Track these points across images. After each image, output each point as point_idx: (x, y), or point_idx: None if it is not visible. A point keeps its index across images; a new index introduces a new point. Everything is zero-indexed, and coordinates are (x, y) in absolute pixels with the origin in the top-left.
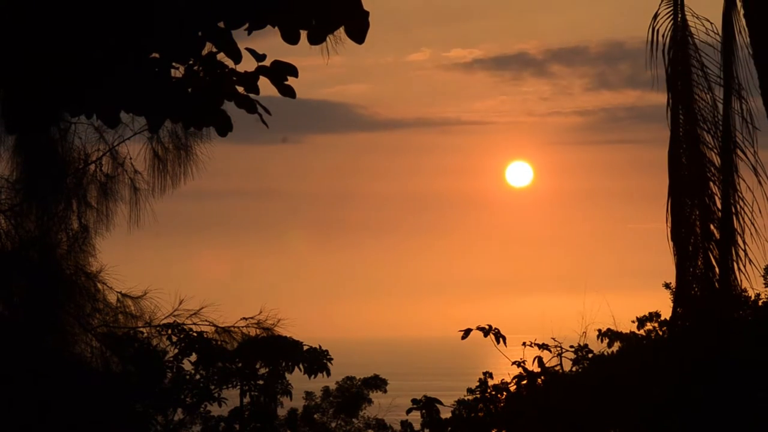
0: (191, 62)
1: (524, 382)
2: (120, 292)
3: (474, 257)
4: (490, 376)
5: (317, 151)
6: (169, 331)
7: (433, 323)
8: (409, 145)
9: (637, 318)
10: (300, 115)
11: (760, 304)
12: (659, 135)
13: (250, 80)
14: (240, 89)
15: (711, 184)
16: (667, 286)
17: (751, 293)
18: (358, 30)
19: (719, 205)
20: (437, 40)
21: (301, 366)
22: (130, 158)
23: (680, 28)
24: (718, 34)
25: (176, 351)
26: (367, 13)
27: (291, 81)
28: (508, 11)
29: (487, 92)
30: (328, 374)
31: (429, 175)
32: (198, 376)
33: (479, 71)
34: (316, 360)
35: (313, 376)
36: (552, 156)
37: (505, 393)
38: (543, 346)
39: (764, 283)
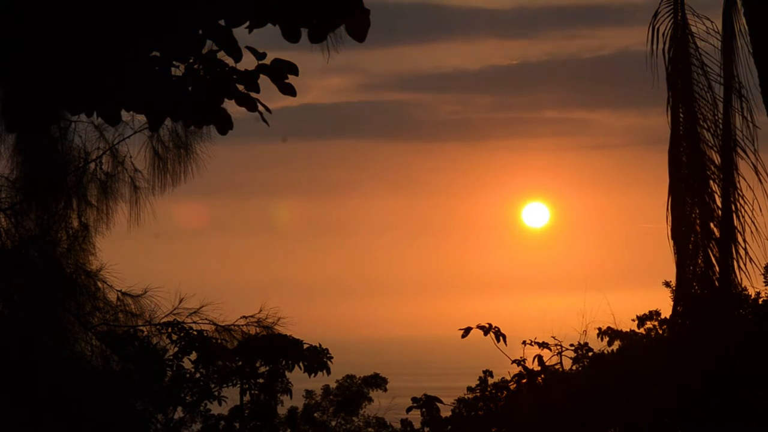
0: (191, 61)
1: (524, 380)
2: (120, 291)
3: (473, 256)
4: (490, 374)
5: (321, 153)
6: (169, 330)
7: (433, 322)
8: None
9: (637, 316)
10: (315, 117)
11: (760, 302)
12: (662, 136)
13: (250, 78)
14: (240, 87)
15: (711, 182)
16: (667, 284)
17: (751, 291)
18: (359, 28)
19: (719, 204)
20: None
21: (301, 364)
22: (131, 157)
23: (680, 27)
24: (718, 33)
25: (176, 349)
26: (367, 11)
27: (291, 79)
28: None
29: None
30: (329, 373)
31: (426, 174)
32: (198, 375)
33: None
34: (316, 358)
35: (313, 374)
36: (558, 158)
37: (505, 392)
38: (543, 345)
39: (764, 282)
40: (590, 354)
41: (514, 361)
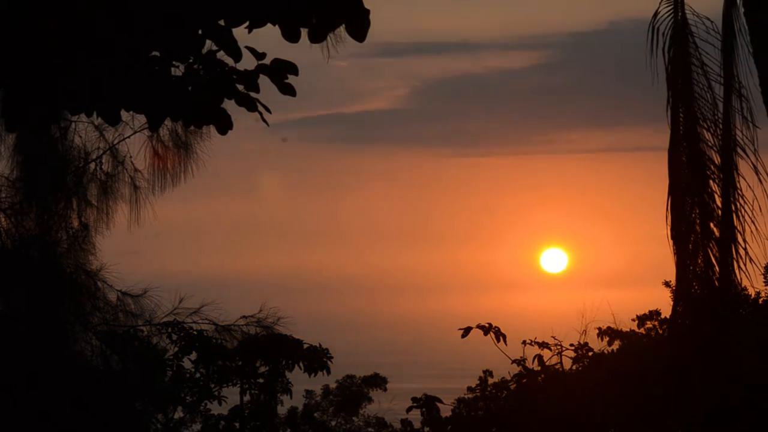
0: (191, 60)
1: (524, 380)
2: (120, 291)
3: (472, 255)
4: (490, 374)
5: (325, 156)
6: (169, 330)
7: (433, 322)
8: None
9: (637, 316)
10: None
11: (760, 302)
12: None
13: (250, 78)
14: (240, 87)
15: (711, 182)
16: (667, 284)
17: (752, 291)
18: (359, 28)
19: (719, 204)
20: None
21: (301, 364)
22: (131, 156)
23: (680, 27)
24: (718, 33)
25: (176, 349)
26: (367, 12)
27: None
28: None
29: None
30: (329, 372)
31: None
32: (198, 375)
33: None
34: (316, 358)
35: (313, 374)
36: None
37: (505, 392)
38: (543, 345)
39: (764, 282)
40: (590, 354)
41: (514, 361)
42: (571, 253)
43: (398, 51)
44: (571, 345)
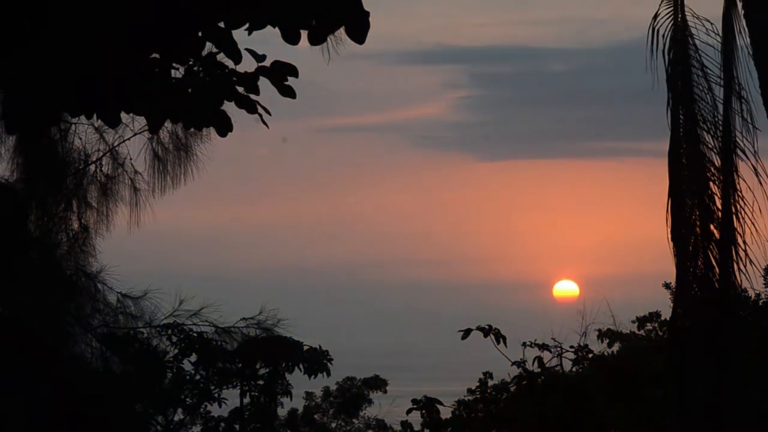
0: (191, 62)
1: (524, 382)
2: (120, 293)
3: (474, 256)
4: (490, 376)
5: (329, 160)
6: (169, 332)
7: (433, 324)
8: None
9: (637, 318)
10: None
11: (760, 304)
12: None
13: (250, 81)
14: (240, 89)
15: (711, 184)
16: (667, 286)
17: (752, 293)
18: (359, 30)
19: (719, 205)
20: None
21: (301, 366)
22: (130, 158)
23: (680, 29)
24: (718, 35)
25: (176, 351)
26: (367, 13)
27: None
28: None
29: None
30: (329, 374)
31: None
32: (198, 377)
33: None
34: (316, 360)
35: (313, 376)
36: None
37: (505, 393)
38: (543, 347)
39: (764, 284)
40: (590, 356)
41: (514, 363)
42: (581, 283)
43: (447, 56)
44: (571, 347)
